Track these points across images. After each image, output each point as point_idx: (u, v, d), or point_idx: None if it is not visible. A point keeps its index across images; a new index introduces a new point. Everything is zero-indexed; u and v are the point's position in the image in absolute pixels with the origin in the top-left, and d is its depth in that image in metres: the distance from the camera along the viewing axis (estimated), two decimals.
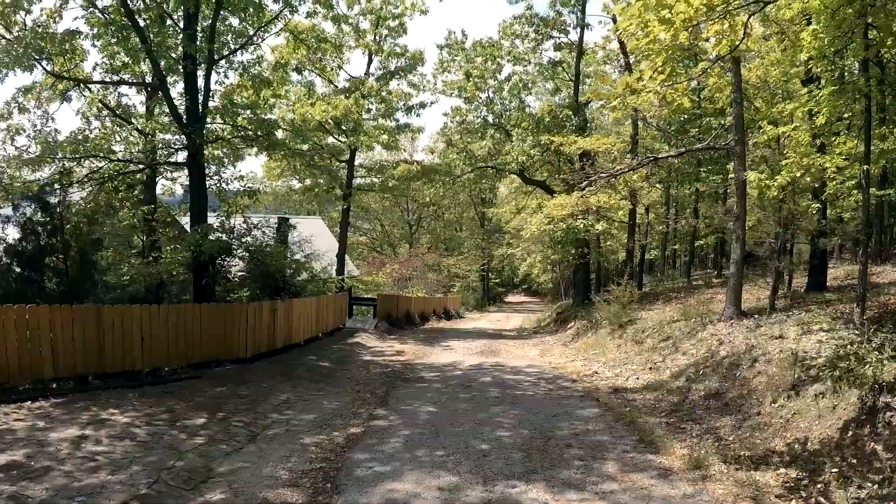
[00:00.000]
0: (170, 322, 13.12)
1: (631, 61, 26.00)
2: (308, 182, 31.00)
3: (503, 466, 7.49)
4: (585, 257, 29.83)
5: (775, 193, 13.57)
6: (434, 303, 39.40)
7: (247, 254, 16.83)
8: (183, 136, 16.23)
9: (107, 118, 18.48)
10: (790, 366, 9.39)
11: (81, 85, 16.74)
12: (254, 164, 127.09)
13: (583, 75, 30.33)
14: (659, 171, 25.76)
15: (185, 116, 16.30)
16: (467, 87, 30.06)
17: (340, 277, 26.97)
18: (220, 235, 15.85)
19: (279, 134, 20.07)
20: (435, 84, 31.21)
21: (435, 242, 59.85)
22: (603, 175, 17.57)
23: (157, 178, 20.27)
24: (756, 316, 13.55)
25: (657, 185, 25.21)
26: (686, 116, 25.62)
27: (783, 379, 9.26)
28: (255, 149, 18.57)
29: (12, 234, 13.73)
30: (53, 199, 14.25)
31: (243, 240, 16.40)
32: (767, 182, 13.58)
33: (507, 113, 30.88)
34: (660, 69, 7.87)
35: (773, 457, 7.58)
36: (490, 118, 31.36)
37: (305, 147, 21.52)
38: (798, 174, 13.06)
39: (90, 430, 8.84)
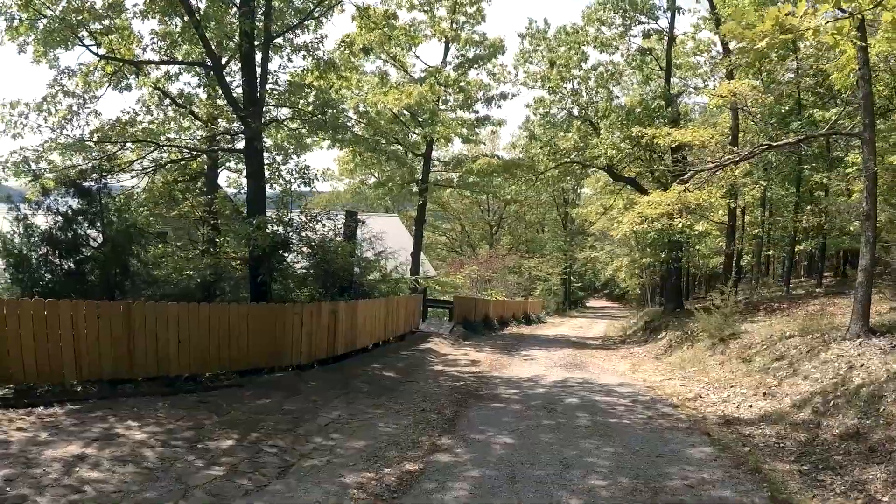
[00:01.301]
0: (211, 323, 11.61)
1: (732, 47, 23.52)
2: (382, 177, 29.44)
3: None
4: (678, 261, 27.36)
5: None
6: (514, 306, 37.40)
7: (308, 249, 15.26)
8: (239, 122, 14.86)
9: (169, 107, 17.40)
10: None
11: (133, 66, 15.45)
12: (327, 160, 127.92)
13: (673, 66, 27.79)
14: (757, 168, 23.29)
15: (242, 100, 14.97)
16: (551, 75, 27.93)
17: (414, 278, 25.30)
18: (276, 228, 14.32)
19: (352, 126, 18.62)
20: (516, 75, 29.29)
21: (516, 244, 57.80)
22: (710, 166, 15.24)
23: (219, 169, 19.13)
24: (889, 334, 11.22)
25: (760, 182, 22.53)
26: (787, 108, 23.31)
27: None
28: (320, 137, 17.04)
29: (46, 222, 12.58)
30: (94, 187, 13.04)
31: (303, 233, 14.75)
32: None
33: (594, 104, 28.63)
34: None
35: None
36: (575, 110, 29.16)
37: (374, 135, 19.80)
38: None
39: (94, 448, 7.34)
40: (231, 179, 21.89)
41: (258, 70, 15.31)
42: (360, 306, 16.13)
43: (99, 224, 12.71)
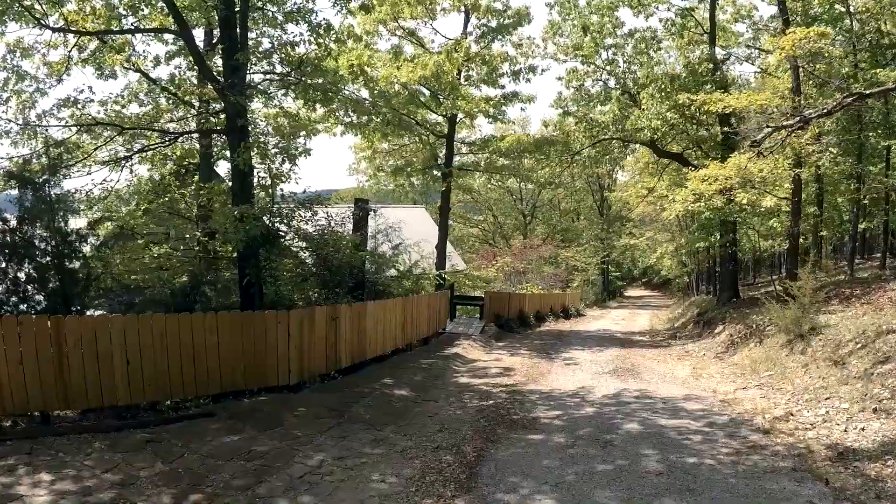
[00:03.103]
0: (170, 338, 9.21)
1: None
2: (400, 161, 26.77)
3: None
4: (734, 245, 24.48)
5: None
6: (551, 300, 34.70)
7: (303, 243, 12.84)
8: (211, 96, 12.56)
9: (161, 96, 15.25)
10: None
11: (90, 38, 13.22)
12: (342, 148, 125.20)
13: (717, 27, 24.79)
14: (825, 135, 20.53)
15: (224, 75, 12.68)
16: (584, 43, 25.10)
17: (439, 273, 22.75)
18: (264, 219, 11.86)
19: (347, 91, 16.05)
20: (545, 48, 26.48)
21: (551, 233, 54.84)
22: (788, 123, 12.41)
23: (215, 158, 16.89)
24: None
25: (830, 149, 19.56)
26: (845, 70, 20.58)
27: None
28: (306, 105, 14.61)
29: None
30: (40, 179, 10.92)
31: (292, 223, 12.20)
32: None
33: (632, 74, 25.72)
34: None
35: None
36: (612, 81, 26.27)
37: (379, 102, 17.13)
38: None
39: None
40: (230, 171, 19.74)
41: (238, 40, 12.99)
42: (370, 309, 13.64)
43: (51, 224, 10.67)
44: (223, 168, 17.76)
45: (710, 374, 13.78)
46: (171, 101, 15.34)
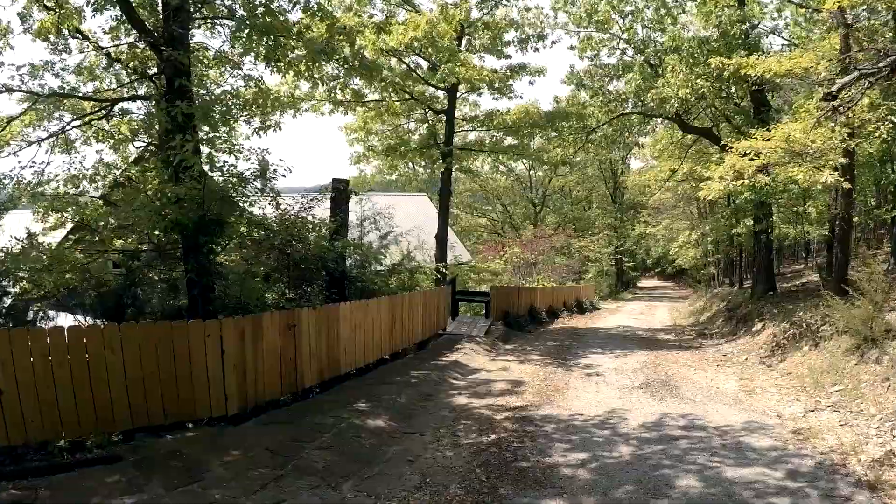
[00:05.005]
0: (56, 359, 6.74)
1: None
2: (393, 139, 24.09)
3: None
4: (770, 231, 22.01)
5: None
6: (564, 293, 32.20)
7: (260, 231, 10.35)
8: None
9: (122, 71, 12.87)
10: None
11: None
12: (331, 130, 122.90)
13: None
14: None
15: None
16: (600, 8, 22.48)
17: (438, 266, 20.26)
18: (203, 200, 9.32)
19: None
20: (555, 18, 23.96)
21: (562, 222, 52.26)
22: (883, 64, 9.78)
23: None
24: None
25: (891, 118, 16.93)
26: (891, 35, 18.13)
27: None
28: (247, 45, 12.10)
29: None
30: None
31: (234, 206, 9.57)
32: None
33: (653, 42, 23.08)
34: None
35: None
36: (630, 51, 23.66)
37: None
38: None
39: None
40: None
41: None
42: (344, 312, 11.11)
43: None
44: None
45: (763, 389, 11.23)
46: (125, 67, 12.95)
